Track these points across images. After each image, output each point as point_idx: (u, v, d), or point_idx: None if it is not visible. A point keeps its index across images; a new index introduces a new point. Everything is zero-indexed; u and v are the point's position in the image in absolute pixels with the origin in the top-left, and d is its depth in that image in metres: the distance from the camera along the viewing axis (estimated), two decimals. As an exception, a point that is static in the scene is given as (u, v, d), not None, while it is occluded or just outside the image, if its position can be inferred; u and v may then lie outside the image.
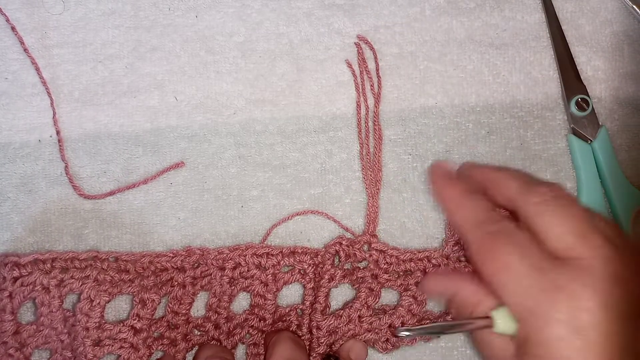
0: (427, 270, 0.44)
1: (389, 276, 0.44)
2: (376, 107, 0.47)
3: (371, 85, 0.47)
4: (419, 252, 0.44)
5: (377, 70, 0.47)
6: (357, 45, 0.47)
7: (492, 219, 0.38)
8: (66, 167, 0.46)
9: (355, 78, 0.47)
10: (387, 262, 0.44)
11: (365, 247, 0.45)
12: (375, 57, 0.47)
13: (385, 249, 0.44)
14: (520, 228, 0.37)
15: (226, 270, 0.44)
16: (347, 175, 0.47)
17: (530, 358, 0.35)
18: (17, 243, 0.45)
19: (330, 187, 0.47)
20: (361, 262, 0.45)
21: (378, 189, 0.46)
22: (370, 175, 0.46)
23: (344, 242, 0.44)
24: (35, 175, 0.46)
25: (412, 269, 0.44)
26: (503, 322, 0.37)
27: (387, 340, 0.44)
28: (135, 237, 0.46)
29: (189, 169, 0.46)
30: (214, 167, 0.46)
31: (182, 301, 0.44)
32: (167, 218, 0.46)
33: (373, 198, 0.46)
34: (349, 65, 0.47)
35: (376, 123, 0.47)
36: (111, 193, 0.46)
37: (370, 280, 0.44)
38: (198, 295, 0.45)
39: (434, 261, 0.44)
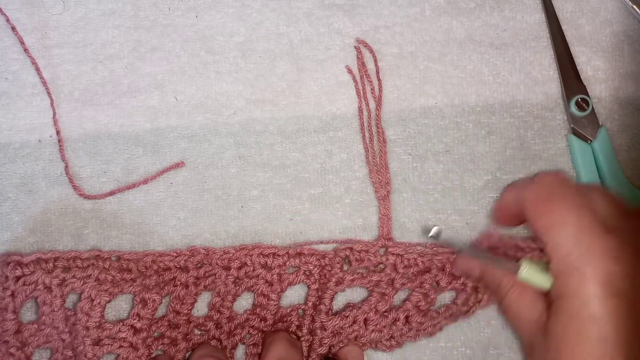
0: (444, 268, 0.44)
1: (405, 280, 0.44)
2: (378, 110, 0.47)
3: (372, 89, 0.47)
4: (437, 251, 0.44)
5: (377, 73, 0.47)
6: (357, 49, 0.47)
7: (556, 175, 0.41)
8: (66, 167, 0.46)
9: (356, 84, 0.47)
10: (405, 266, 0.44)
11: (382, 251, 0.44)
12: (376, 61, 0.47)
13: (403, 252, 0.44)
14: (580, 193, 0.39)
15: (231, 270, 0.44)
16: (347, 175, 0.47)
17: (562, 314, 0.36)
18: (17, 243, 0.45)
19: (330, 187, 0.47)
20: (377, 265, 0.44)
21: (388, 192, 0.46)
22: (379, 179, 0.46)
23: (355, 247, 0.44)
24: (36, 175, 0.46)
25: (429, 267, 0.44)
26: (529, 271, 0.38)
27: (391, 337, 0.44)
28: (135, 237, 0.46)
29: (189, 169, 0.47)
30: (214, 167, 0.46)
31: (184, 301, 0.44)
32: (167, 218, 0.46)
33: (385, 201, 0.46)
34: (349, 71, 0.47)
35: (379, 126, 0.47)
36: (111, 193, 0.46)
37: (385, 286, 0.44)
38: (200, 295, 0.45)
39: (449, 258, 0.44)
